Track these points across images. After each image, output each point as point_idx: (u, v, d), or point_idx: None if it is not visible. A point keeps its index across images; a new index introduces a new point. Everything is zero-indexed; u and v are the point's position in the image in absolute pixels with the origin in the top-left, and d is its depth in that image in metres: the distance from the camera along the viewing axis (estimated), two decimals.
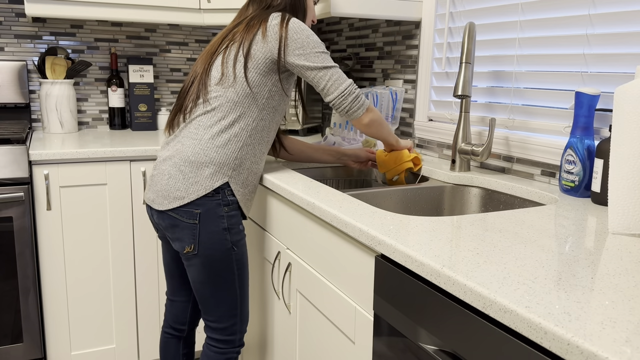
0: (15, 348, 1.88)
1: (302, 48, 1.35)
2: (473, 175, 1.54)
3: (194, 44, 2.63)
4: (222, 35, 1.44)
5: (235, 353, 1.48)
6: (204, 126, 1.37)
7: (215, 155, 1.35)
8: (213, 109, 1.37)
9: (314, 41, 1.37)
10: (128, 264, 2.01)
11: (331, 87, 1.38)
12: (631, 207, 0.98)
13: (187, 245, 1.37)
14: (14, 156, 1.78)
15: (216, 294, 1.41)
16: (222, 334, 1.45)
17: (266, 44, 1.35)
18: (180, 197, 1.35)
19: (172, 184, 1.36)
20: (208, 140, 1.35)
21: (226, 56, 1.38)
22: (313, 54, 1.36)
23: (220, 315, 1.43)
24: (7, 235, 1.81)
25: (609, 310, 0.67)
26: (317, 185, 1.37)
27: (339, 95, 1.38)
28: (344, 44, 2.41)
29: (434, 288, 0.85)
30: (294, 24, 1.36)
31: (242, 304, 1.45)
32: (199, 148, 1.35)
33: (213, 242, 1.37)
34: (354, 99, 1.39)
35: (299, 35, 1.35)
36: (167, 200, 1.37)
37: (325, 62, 1.37)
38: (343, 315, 1.17)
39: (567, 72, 1.40)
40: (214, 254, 1.37)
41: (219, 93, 1.37)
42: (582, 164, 1.27)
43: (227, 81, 1.36)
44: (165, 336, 1.63)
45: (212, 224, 1.36)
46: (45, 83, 2.23)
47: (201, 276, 1.40)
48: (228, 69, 1.36)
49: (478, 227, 1.02)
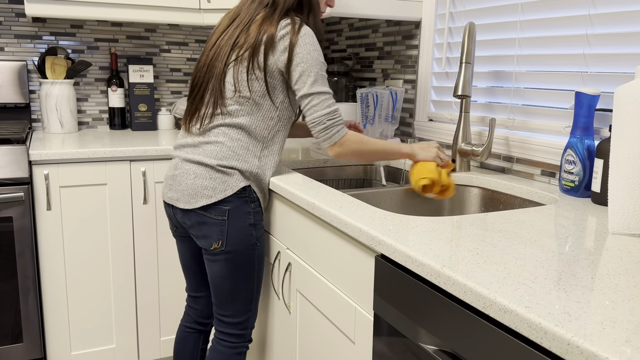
0: (15, 348, 1.88)
1: (305, 66, 1.35)
2: (473, 175, 1.54)
3: (194, 44, 2.63)
4: (230, 38, 1.40)
5: (245, 347, 1.51)
6: (224, 134, 1.38)
7: (237, 164, 1.37)
8: (232, 119, 1.38)
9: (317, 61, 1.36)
10: (128, 264, 2.01)
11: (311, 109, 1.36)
12: (631, 207, 0.98)
13: (214, 241, 1.39)
14: (14, 156, 1.78)
15: (235, 289, 1.43)
16: (236, 329, 1.47)
17: (274, 56, 1.35)
18: (209, 196, 1.36)
19: (200, 182, 1.37)
20: (230, 149, 1.37)
21: (239, 69, 1.37)
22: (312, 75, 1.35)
23: (237, 310, 1.45)
24: (7, 235, 1.81)
25: (609, 311, 0.67)
26: (317, 185, 1.37)
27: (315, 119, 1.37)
28: (344, 44, 2.41)
29: (434, 288, 0.85)
30: (303, 34, 1.35)
31: (257, 298, 1.49)
32: (226, 154, 1.37)
33: (240, 237, 1.39)
34: (323, 129, 1.37)
35: (306, 54, 1.34)
36: (194, 199, 1.38)
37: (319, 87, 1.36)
38: (343, 315, 1.17)
39: (567, 72, 1.40)
40: (240, 249, 1.40)
41: (236, 106, 1.38)
42: (582, 164, 1.27)
43: (242, 93, 1.37)
44: (186, 331, 1.65)
45: (240, 220, 1.38)
46: (45, 83, 2.23)
47: (224, 271, 1.41)
48: (242, 82, 1.36)
49: (478, 227, 1.02)
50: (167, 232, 2.05)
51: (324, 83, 1.36)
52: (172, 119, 2.53)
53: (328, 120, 1.35)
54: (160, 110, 2.55)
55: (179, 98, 2.65)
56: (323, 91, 1.36)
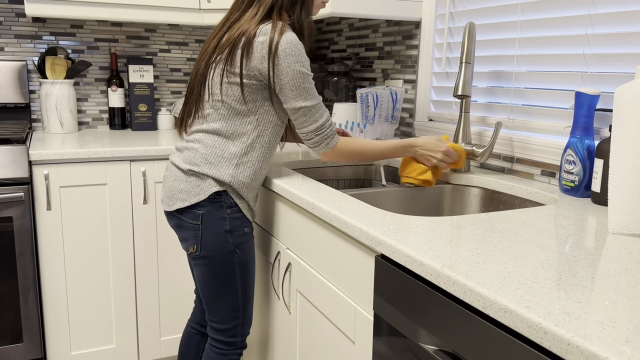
0: (15, 348, 1.88)
1: (288, 80, 1.30)
2: (473, 175, 1.54)
3: (194, 44, 2.63)
4: (216, 38, 1.38)
5: (236, 355, 1.48)
6: (199, 141, 1.37)
7: (209, 171, 1.34)
8: (208, 124, 1.36)
9: (299, 72, 1.30)
10: (128, 264, 2.01)
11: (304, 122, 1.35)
12: (631, 207, 0.98)
13: (190, 245, 1.38)
14: (14, 156, 1.78)
15: (218, 295, 1.41)
16: (224, 335, 1.45)
17: (250, 62, 1.29)
18: (183, 199, 1.36)
19: (177, 185, 1.37)
20: (202, 156, 1.35)
21: (215, 73, 1.34)
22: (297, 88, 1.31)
23: (222, 317, 1.44)
24: (7, 235, 1.81)
25: (609, 310, 0.67)
26: (317, 185, 1.37)
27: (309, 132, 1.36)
28: (344, 44, 2.41)
29: (434, 288, 0.85)
30: (284, 47, 1.28)
31: (244, 306, 1.45)
32: (198, 160, 1.35)
33: (215, 243, 1.37)
34: (312, 144, 1.37)
35: (287, 66, 1.28)
36: (172, 202, 1.38)
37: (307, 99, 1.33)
38: (343, 315, 1.17)
39: (567, 72, 1.40)
40: (215, 255, 1.37)
41: (211, 110, 1.35)
42: (582, 164, 1.27)
43: (217, 98, 1.34)
44: (191, 331, 1.65)
45: (214, 226, 1.36)
46: (45, 83, 2.23)
47: (204, 276, 1.40)
48: (215, 85, 1.34)
49: (478, 227, 1.02)
50: (167, 232, 2.05)
51: (308, 95, 1.31)
52: (172, 119, 2.53)
53: (316, 135, 1.35)
54: (160, 110, 2.55)
55: (179, 98, 2.65)
56: (308, 105, 1.32)
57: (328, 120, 1.37)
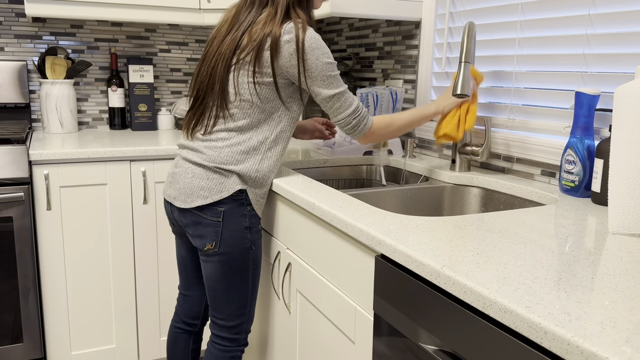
0: (15, 348, 1.88)
1: (318, 72, 1.35)
2: (473, 175, 1.54)
3: (194, 44, 2.63)
4: (228, 41, 1.39)
5: (239, 352, 1.49)
6: (224, 139, 1.38)
7: (235, 168, 1.37)
8: (233, 123, 1.37)
9: (327, 64, 1.36)
10: (128, 264, 2.01)
11: (339, 109, 1.40)
12: (631, 207, 0.98)
13: (208, 242, 1.38)
14: (14, 156, 1.78)
15: (229, 292, 1.42)
16: (229, 332, 1.46)
17: (279, 61, 1.34)
18: (204, 196, 1.36)
19: (197, 182, 1.37)
20: (229, 153, 1.37)
21: (240, 74, 1.36)
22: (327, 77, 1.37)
23: (230, 314, 1.44)
24: (7, 235, 1.81)
25: (609, 310, 0.67)
26: (317, 185, 1.37)
27: (345, 118, 1.41)
28: (344, 44, 2.41)
29: (434, 288, 0.85)
30: (310, 43, 1.33)
31: (251, 303, 1.47)
32: (224, 158, 1.37)
33: (234, 240, 1.38)
34: (350, 128, 1.41)
35: (315, 60, 1.34)
36: (190, 199, 1.38)
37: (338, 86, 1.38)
38: (343, 315, 1.17)
39: (567, 72, 1.40)
40: (233, 252, 1.39)
41: (236, 110, 1.37)
42: (582, 164, 1.27)
43: (244, 96, 1.36)
44: (176, 331, 1.64)
45: (235, 222, 1.38)
46: (45, 83, 2.23)
47: (217, 273, 1.41)
48: (243, 85, 1.36)
49: (478, 227, 1.02)
50: (167, 232, 2.05)
51: (338, 83, 1.37)
52: (172, 119, 2.53)
53: (354, 119, 1.39)
54: (160, 110, 2.55)
55: (179, 98, 2.65)
56: (339, 92, 1.37)
57: (360, 103, 1.42)
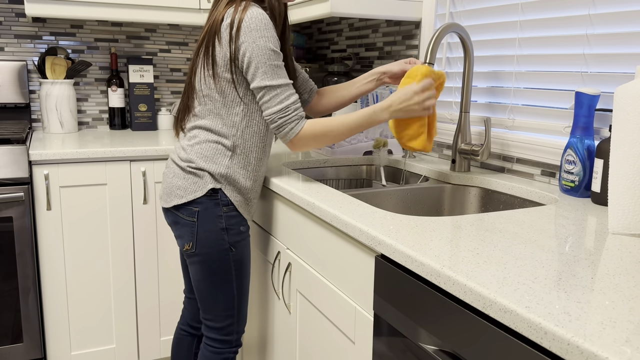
0: (15, 348, 1.88)
1: (251, 56, 1.25)
2: (473, 175, 1.54)
3: (194, 44, 2.63)
4: (201, 37, 1.38)
5: (232, 353, 1.48)
6: (194, 137, 1.38)
7: (205, 166, 1.35)
8: (198, 121, 1.37)
9: (266, 49, 1.24)
10: (128, 264, 2.01)
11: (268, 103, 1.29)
12: (631, 207, 0.98)
13: (186, 242, 1.38)
14: (14, 156, 1.78)
15: (213, 293, 1.41)
16: (219, 334, 1.45)
17: (222, 48, 1.28)
18: (180, 196, 1.36)
19: (175, 182, 1.38)
20: (198, 152, 1.35)
21: (199, 69, 1.34)
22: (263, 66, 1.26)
23: (217, 315, 1.44)
24: (7, 235, 1.81)
25: (609, 310, 0.67)
26: (317, 185, 1.37)
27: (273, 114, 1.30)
28: (344, 44, 2.41)
29: (434, 288, 0.85)
30: (248, 23, 1.23)
31: (239, 305, 1.45)
32: (194, 156, 1.36)
33: (210, 241, 1.37)
34: (276, 127, 1.30)
35: (252, 42, 1.24)
36: (170, 198, 1.39)
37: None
38: (343, 315, 1.17)
39: (567, 72, 1.40)
40: (211, 252, 1.37)
41: (199, 107, 1.36)
42: (582, 164, 1.27)
43: (205, 94, 1.34)
44: (181, 333, 1.65)
45: (210, 223, 1.36)
46: (45, 83, 2.23)
47: (199, 274, 1.40)
48: (198, 82, 1.34)
49: (478, 227, 1.02)
50: (167, 232, 2.05)
51: (275, 74, 1.25)
52: (172, 119, 2.53)
53: (279, 118, 1.28)
54: (160, 110, 2.55)
55: (179, 98, 2.65)
56: (274, 84, 1.26)
57: (295, 104, 1.28)
